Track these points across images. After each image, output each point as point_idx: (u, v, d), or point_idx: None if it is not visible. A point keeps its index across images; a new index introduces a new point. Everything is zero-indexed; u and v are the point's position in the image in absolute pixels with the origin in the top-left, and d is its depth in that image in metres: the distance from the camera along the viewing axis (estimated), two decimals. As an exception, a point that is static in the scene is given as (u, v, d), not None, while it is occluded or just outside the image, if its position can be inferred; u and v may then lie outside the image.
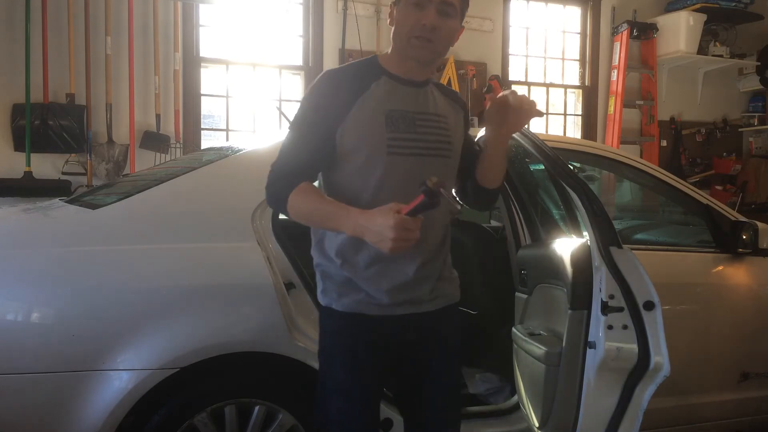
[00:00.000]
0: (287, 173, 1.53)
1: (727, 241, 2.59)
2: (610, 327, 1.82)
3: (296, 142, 1.56)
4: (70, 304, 1.82)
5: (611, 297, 1.82)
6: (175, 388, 1.87)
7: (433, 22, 1.54)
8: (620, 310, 1.82)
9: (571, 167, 2.20)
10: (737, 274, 2.63)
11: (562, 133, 5.76)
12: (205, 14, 4.67)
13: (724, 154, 6.28)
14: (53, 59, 4.08)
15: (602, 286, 1.83)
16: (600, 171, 3.54)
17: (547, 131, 5.73)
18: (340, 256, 1.57)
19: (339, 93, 1.55)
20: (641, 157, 5.47)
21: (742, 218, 2.65)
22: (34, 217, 2.26)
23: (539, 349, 2.06)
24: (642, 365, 1.83)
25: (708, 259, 2.61)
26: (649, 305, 1.82)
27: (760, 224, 2.61)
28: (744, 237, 2.56)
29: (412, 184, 1.51)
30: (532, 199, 2.67)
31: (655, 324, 1.82)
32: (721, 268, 2.61)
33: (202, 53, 4.66)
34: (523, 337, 2.18)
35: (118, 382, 1.80)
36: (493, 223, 3.53)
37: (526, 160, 2.71)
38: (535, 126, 5.76)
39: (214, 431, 1.92)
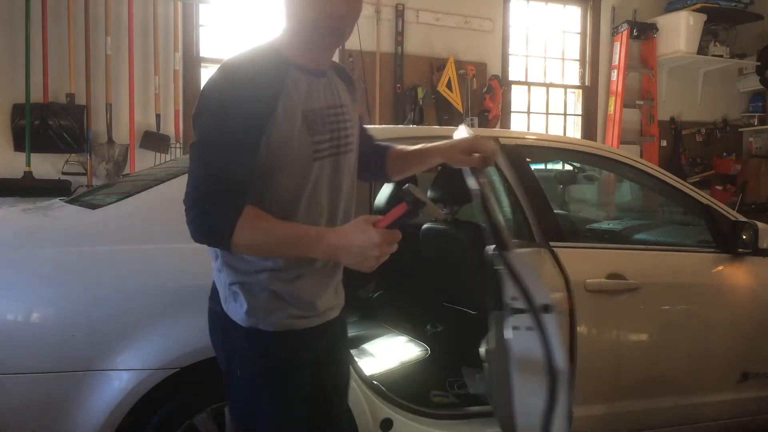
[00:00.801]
0: (225, 196, 1.29)
1: (727, 241, 2.59)
2: (516, 328, 1.82)
3: (223, 155, 1.30)
4: (70, 304, 1.82)
5: (514, 299, 1.83)
6: (175, 388, 1.87)
7: (341, 10, 1.36)
8: (523, 311, 1.82)
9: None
10: (737, 274, 2.63)
11: (562, 133, 5.76)
12: (205, 14, 4.67)
13: (724, 154, 6.28)
14: (53, 59, 4.08)
15: (505, 288, 1.84)
16: (600, 171, 3.54)
17: (547, 131, 5.74)
18: (267, 271, 1.40)
19: (256, 93, 1.31)
20: (641, 157, 5.47)
21: (742, 218, 2.65)
22: (34, 217, 2.26)
23: (482, 349, 2.09)
24: (550, 367, 1.83)
25: (708, 259, 2.61)
26: (547, 308, 1.82)
27: (760, 224, 2.62)
28: (744, 237, 2.56)
29: (334, 187, 1.45)
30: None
31: (553, 328, 1.82)
32: (721, 268, 2.61)
33: (202, 53, 4.66)
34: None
35: (118, 382, 1.80)
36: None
37: (528, 159, 2.71)
38: (536, 126, 5.77)
39: (214, 431, 1.92)
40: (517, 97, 5.68)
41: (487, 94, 5.24)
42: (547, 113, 5.83)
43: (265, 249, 1.34)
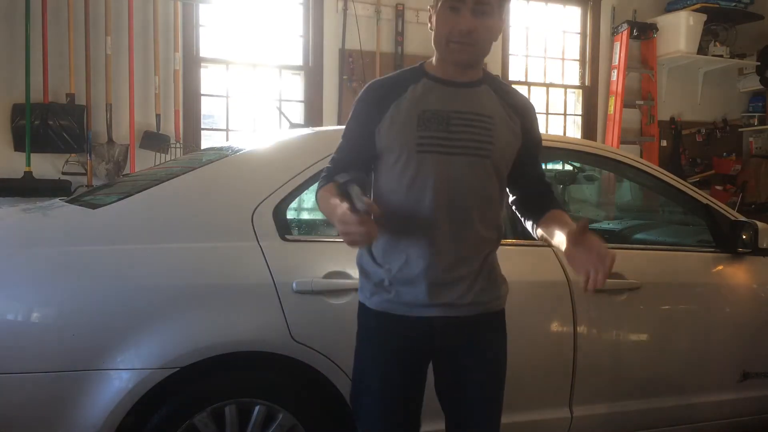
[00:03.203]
0: (328, 173, 1.65)
1: (727, 241, 2.59)
2: None
3: (341, 146, 1.67)
4: (70, 304, 1.82)
5: None
6: (175, 388, 1.87)
7: (469, 25, 1.55)
8: None
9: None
10: (737, 274, 2.63)
11: (562, 133, 5.76)
12: (205, 14, 4.67)
13: (724, 154, 6.28)
14: (53, 59, 4.08)
15: None
16: (600, 171, 3.54)
17: (547, 131, 5.74)
18: (379, 257, 1.63)
19: (377, 99, 1.62)
20: (641, 157, 5.46)
21: (742, 218, 2.65)
22: (34, 217, 2.26)
23: None
24: None
25: (708, 259, 2.61)
26: None
27: (760, 224, 2.61)
28: (744, 237, 2.56)
29: (444, 183, 1.58)
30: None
31: None
32: (721, 268, 2.61)
33: (202, 53, 4.66)
34: None
35: (118, 381, 1.80)
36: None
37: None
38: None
39: (214, 431, 1.92)
40: (517, 97, 5.67)
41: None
42: (547, 113, 5.83)
43: (322, 211, 1.65)
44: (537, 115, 1.76)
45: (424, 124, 1.57)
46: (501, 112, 1.64)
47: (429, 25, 1.64)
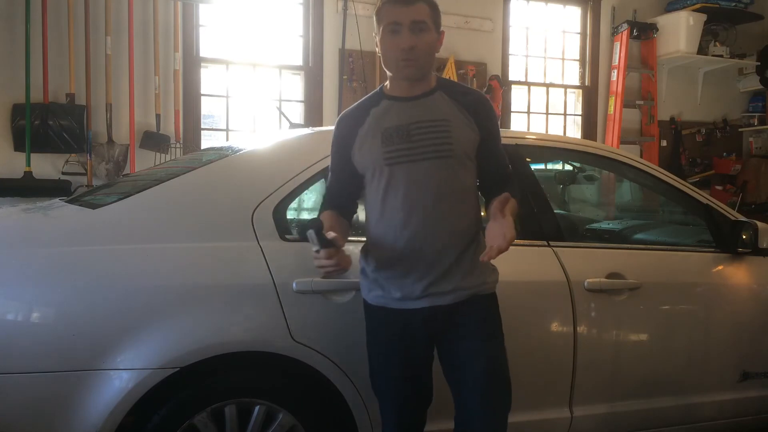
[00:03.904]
0: (324, 200, 1.96)
1: (727, 241, 2.59)
2: None
3: (330, 176, 1.92)
4: (70, 304, 1.82)
5: None
6: (175, 388, 1.87)
7: (409, 43, 1.73)
8: None
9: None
10: (737, 274, 2.63)
11: (562, 133, 5.76)
12: (205, 14, 4.67)
13: (724, 154, 6.28)
14: (53, 59, 4.08)
15: None
16: (600, 171, 3.54)
17: (547, 131, 5.74)
18: (373, 258, 1.85)
19: (347, 128, 1.85)
20: (641, 157, 5.47)
21: (742, 218, 2.65)
22: (34, 217, 2.26)
23: None
24: None
25: (708, 258, 2.61)
26: None
27: (760, 224, 2.61)
28: (744, 237, 2.56)
29: (413, 188, 1.77)
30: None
31: None
32: (721, 268, 2.61)
33: (202, 53, 4.66)
34: None
35: (118, 381, 1.80)
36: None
37: (527, 159, 2.71)
38: (536, 126, 5.77)
39: (214, 431, 1.92)
40: (517, 97, 5.68)
41: (487, 94, 5.24)
42: (547, 113, 5.83)
43: None
44: (492, 108, 1.91)
45: (388, 140, 1.78)
46: (456, 112, 1.81)
47: (377, 50, 1.82)
